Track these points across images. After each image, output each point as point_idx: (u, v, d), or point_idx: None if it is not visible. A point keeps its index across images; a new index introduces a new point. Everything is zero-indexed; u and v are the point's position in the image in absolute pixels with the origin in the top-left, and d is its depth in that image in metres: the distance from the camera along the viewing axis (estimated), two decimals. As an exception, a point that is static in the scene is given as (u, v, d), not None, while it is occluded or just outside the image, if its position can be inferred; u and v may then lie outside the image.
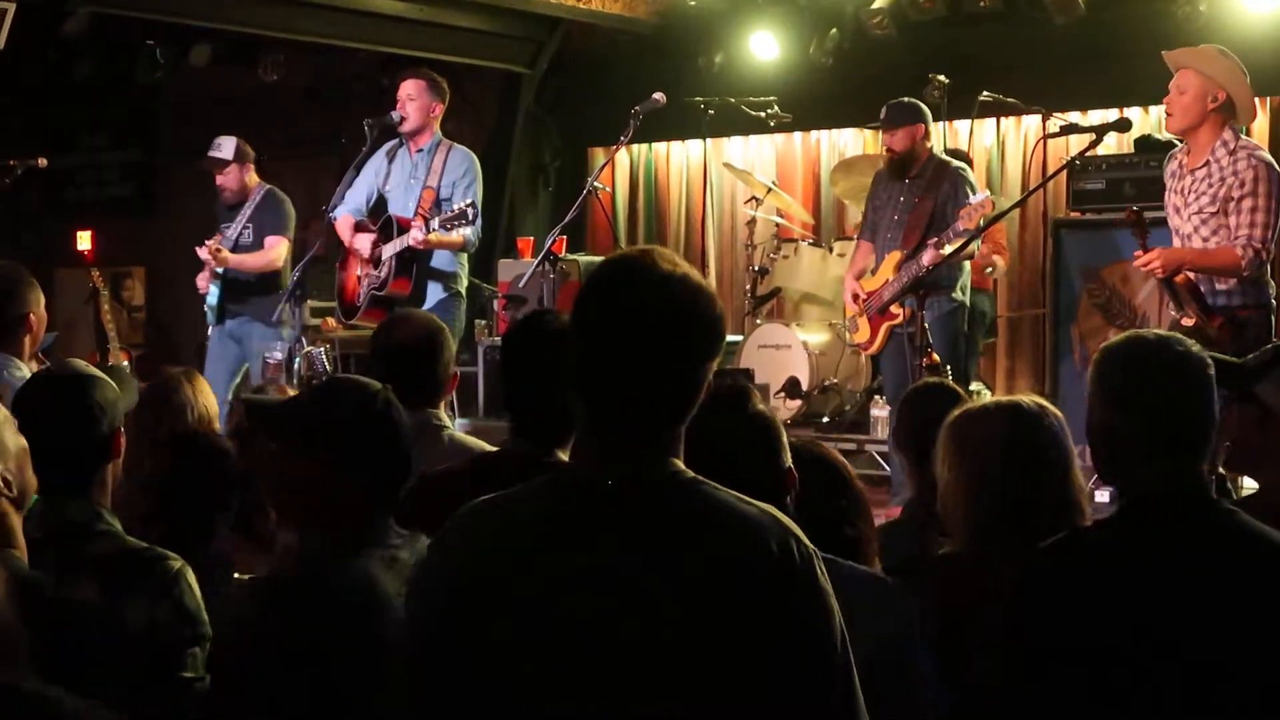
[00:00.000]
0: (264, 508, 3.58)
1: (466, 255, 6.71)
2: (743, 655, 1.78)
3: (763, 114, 8.98)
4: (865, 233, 7.02)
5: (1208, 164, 5.31)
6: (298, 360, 7.08)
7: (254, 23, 9.19)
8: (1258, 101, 7.98)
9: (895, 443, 3.93)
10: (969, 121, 8.57)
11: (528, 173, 10.71)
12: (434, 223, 6.37)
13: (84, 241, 11.57)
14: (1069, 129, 7.08)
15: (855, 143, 9.78)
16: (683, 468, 1.87)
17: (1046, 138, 7.29)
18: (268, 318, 7.17)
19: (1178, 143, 5.68)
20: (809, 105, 9.25)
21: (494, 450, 3.27)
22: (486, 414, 8.54)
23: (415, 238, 6.37)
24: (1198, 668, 2.36)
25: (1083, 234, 7.25)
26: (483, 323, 8.99)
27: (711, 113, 8.87)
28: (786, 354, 8.40)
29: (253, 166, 7.46)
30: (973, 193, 6.68)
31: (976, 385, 7.74)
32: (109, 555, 2.64)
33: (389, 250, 6.54)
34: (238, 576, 3.24)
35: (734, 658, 1.78)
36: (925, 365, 6.03)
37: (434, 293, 6.55)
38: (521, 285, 7.12)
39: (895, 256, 6.70)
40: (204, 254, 7.30)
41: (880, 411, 7.85)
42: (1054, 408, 2.96)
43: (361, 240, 6.67)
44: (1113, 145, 7.56)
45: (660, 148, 10.49)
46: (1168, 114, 5.46)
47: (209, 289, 7.37)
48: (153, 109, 11.72)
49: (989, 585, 2.72)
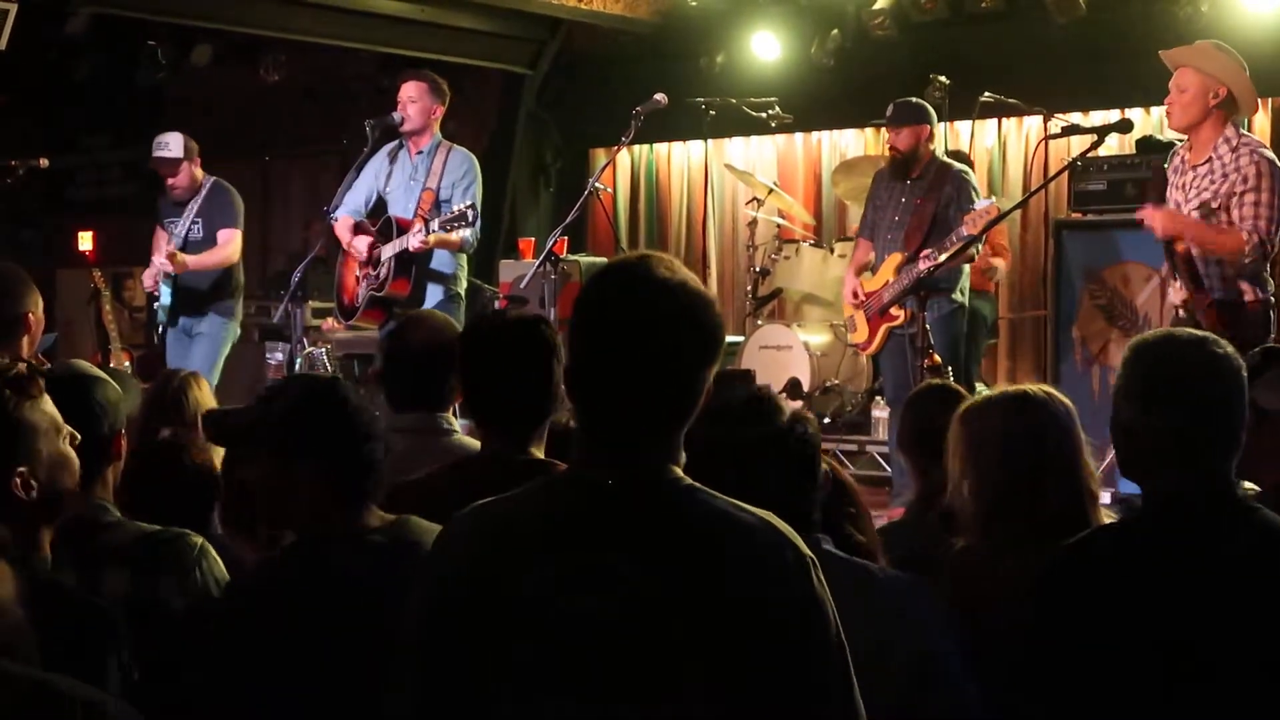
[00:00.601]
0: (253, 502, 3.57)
1: (466, 256, 6.71)
2: (740, 659, 1.78)
3: (764, 115, 8.98)
4: (865, 231, 7.01)
5: (1210, 160, 5.32)
6: (299, 361, 7.08)
7: (255, 23, 9.18)
8: (1259, 101, 7.99)
9: (898, 444, 3.93)
10: (970, 122, 8.56)
11: (529, 173, 10.71)
12: (434, 224, 6.37)
13: (85, 242, 11.59)
14: (1070, 130, 7.07)
15: (857, 143, 9.77)
16: (681, 474, 1.88)
17: (1048, 138, 7.28)
18: (221, 308, 7.12)
19: (1179, 143, 5.68)
20: (810, 106, 9.24)
21: (470, 455, 3.27)
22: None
23: (414, 242, 6.37)
24: (1222, 666, 2.35)
25: (1084, 235, 7.23)
26: (483, 323, 8.97)
27: (713, 113, 8.86)
28: (788, 355, 8.39)
29: (199, 160, 7.33)
30: (976, 196, 6.67)
31: (979, 386, 7.73)
32: (128, 542, 2.64)
33: (388, 251, 6.53)
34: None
35: (731, 662, 1.78)
36: (927, 366, 6.02)
37: (433, 294, 6.54)
38: (523, 286, 7.11)
39: (896, 258, 6.69)
40: (159, 260, 7.15)
41: (881, 412, 7.85)
42: (1061, 395, 2.95)
43: (359, 242, 6.65)
44: (1114, 146, 7.53)
45: (661, 148, 10.48)
46: (1168, 113, 5.47)
47: (159, 290, 7.21)
48: (154, 109, 11.71)
49: (1001, 577, 2.73)
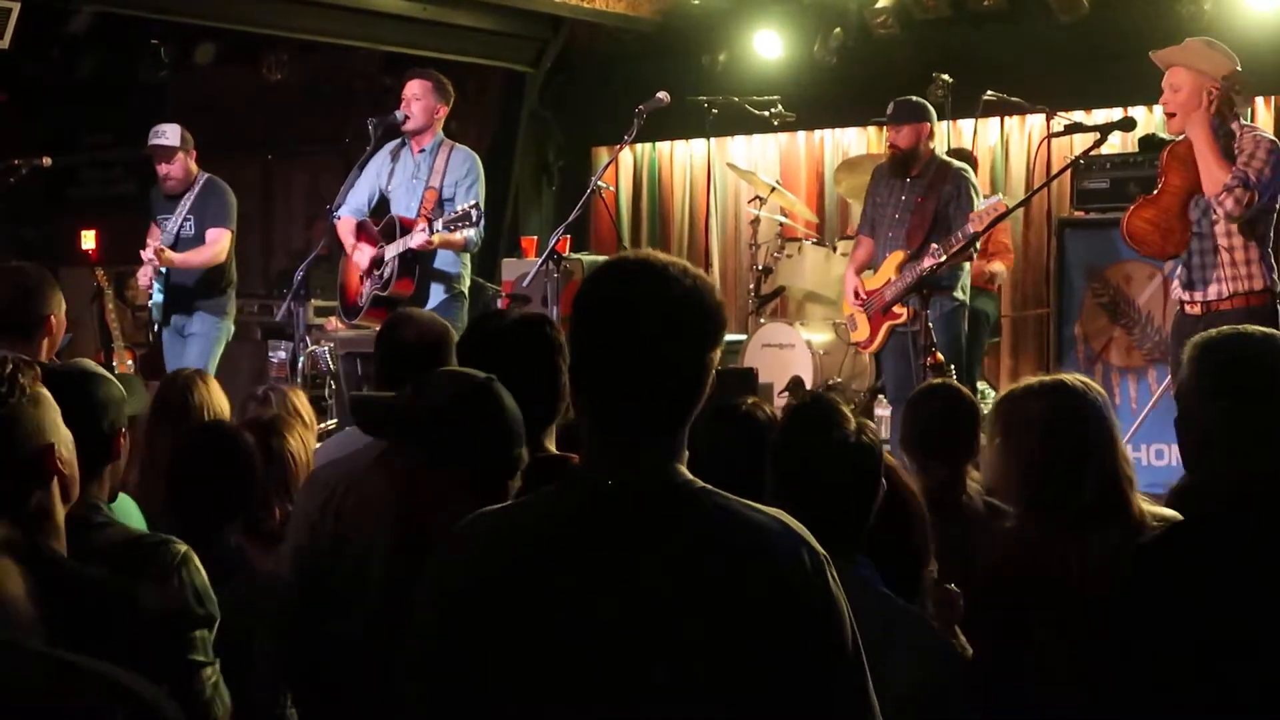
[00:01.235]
0: (271, 505, 3.58)
1: (469, 255, 6.71)
2: (753, 660, 1.78)
3: (766, 113, 8.97)
4: (865, 228, 7.01)
5: None
6: (301, 360, 7.08)
7: (258, 21, 9.18)
8: (1260, 101, 7.99)
9: (900, 442, 3.92)
10: (973, 120, 8.56)
11: (531, 172, 10.70)
12: (437, 224, 6.37)
13: (88, 240, 11.59)
14: (1073, 128, 7.07)
15: (859, 142, 9.77)
16: (690, 475, 1.87)
17: (1050, 137, 7.27)
18: (211, 306, 7.11)
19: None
20: (813, 104, 9.24)
21: None
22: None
23: (418, 241, 6.37)
24: None
25: (1087, 233, 7.23)
26: (485, 322, 8.96)
27: (715, 112, 8.86)
28: (790, 353, 8.38)
29: (195, 154, 7.27)
30: (976, 195, 6.68)
31: (981, 385, 7.73)
32: (114, 544, 2.63)
33: (392, 251, 6.53)
34: None
35: (745, 662, 1.78)
36: (929, 365, 6.02)
37: (436, 293, 6.55)
38: (525, 284, 7.10)
39: (897, 256, 6.69)
40: (147, 255, 7.13)
41: (884, 411, 7.83)
42: (1095, 384, 3.01)
43: (361, 254, 6.67)
44: (1117, 144, 7.55)
45: (664, 147, 10.47)
46: (1167, 114, 5.47)
47: (152, 287, 7.19)
48: (157, 108, 11.69)
49: (1044, 561, 2.79)
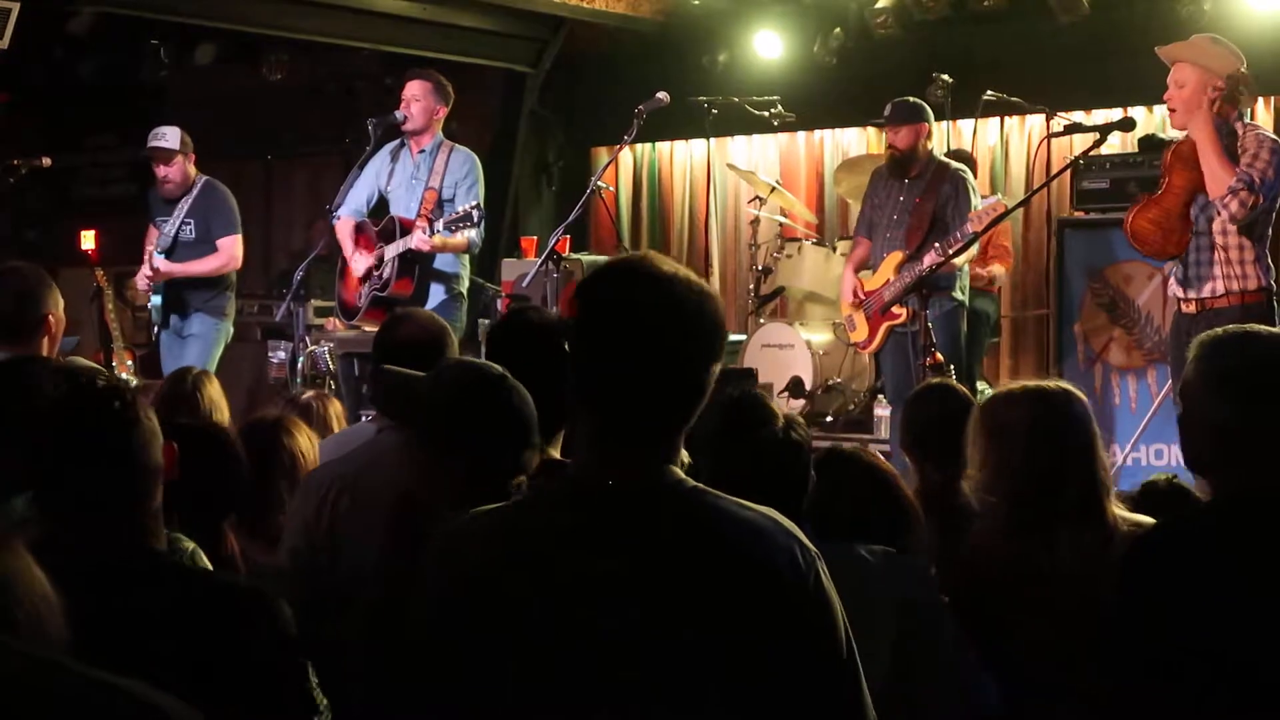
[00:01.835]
0: (272, 505, 3.57)
1: (469, 256, 6.71)
2: (747, 660, 1.78)
3: (766, 113, 8.97)
4: (862, 229, 7.02)
5: None
6: (301, 360, 7.08)
7: (258, 22, 9.18)
8: (1260, 101, 7.99)
9: (899, 443, 3.92)
10: (972, 121, 8.55)
11: (531, 172, 10.71)
12: (438, 225, 6.37)
13: (88, 241, 11.56)
14: (1073, 128, 7.07)
15: (859, 142, 9.77)
16: (684, 476, 1.86)
17: (1050, 137, 7.28)
18: (211, 307, 7.09)
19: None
20: (813, 104, 9.24)
21: None
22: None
23: (417, 242, 6.37)
24: None
25: (1086, 233, 7.22)
26: (486, 322, 8.96)
27: (715, 112, 8.85)
28: (790, 353, 8.39)
29: (194, 158, 7.22)
30: (975, 195, 6.69)
31: (981, 385, 7.73)
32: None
33: (391, 251, 6.54)
34: None
35: (738, 663, 1.78)
36: (929, 365, 6.02)
37: (436, 294, 6.56)
38: (525, 285, 7.11)
39: (896, 257, 6.69)
40: (144, 270, 7.09)
41: (883, 411, 7.83)
42: (1079, 391, 3.03)
43: (359, 262, 6.67)
44: (1116, 145, 7.54)
45: (664, 147, 10.48)
46: (1170, 110, 5.46)
47: (150, 289, 7.16)
48: (157, 108, 11.71)
49: (1020, 563, 2.83)
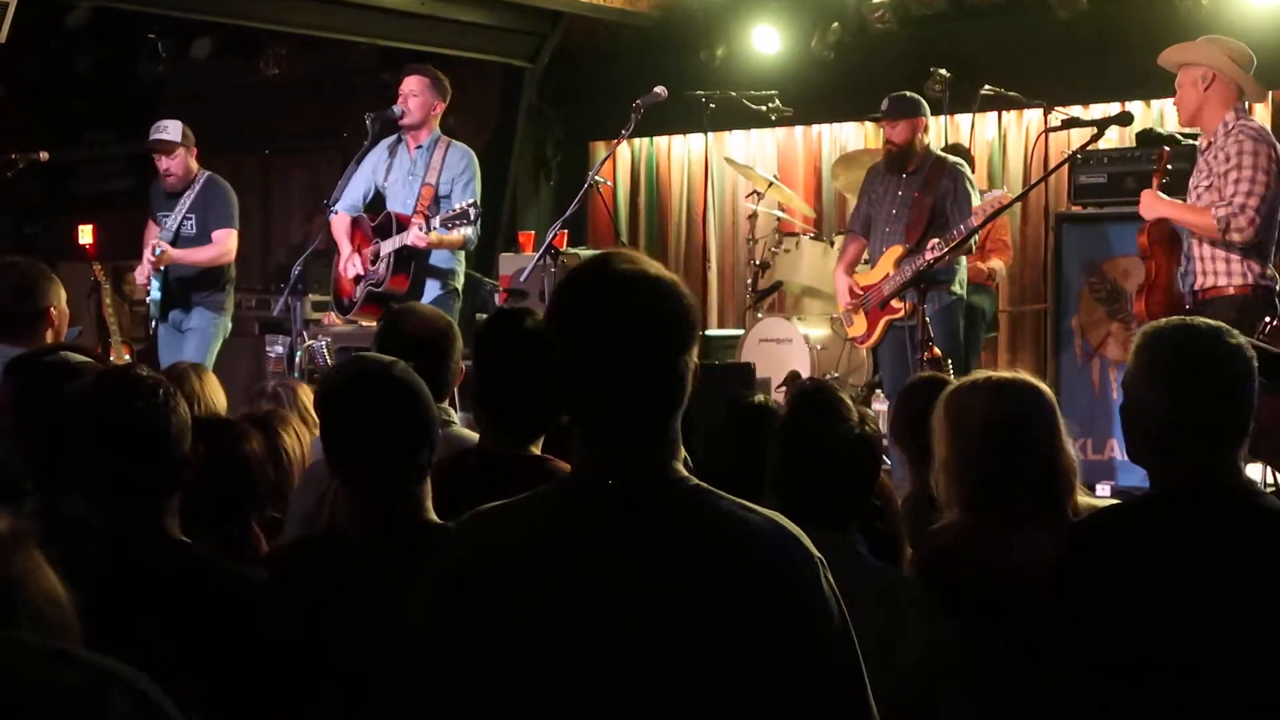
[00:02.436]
0: (281, 497, 3.58)
1: (464, 252, 6.71)
2: (747, 661, 1.77)
3: (764, 108, 8.96)
4: (856, 226, 7.01)
5: (1212, 145, 5.48)
6: (299, 354, 7.08)
7: (255, 16, 9.18)
8: (1261, 102, 7.99)
9: (893, 436, 3.93)
10: (970, 115, 8.56)
11: (529, 167, 10.70)
12: (435, 221, 6.37)
13: (86, 235, 11.58)
14: (1070, 123, 7.07)
15: (857, 137, 9.77)
16: (685, 474, 1.86)
17: (1048, 132, 7.28)
18: (209, 302, 7.10)
19: (1180, 136, 5.79)
20: (810, 99, 9.23)
21: (467, 448, 3.28)
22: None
23: (415, 238, 6.37)
24: (1227, 653, 2.38)
25: (1084, 228, 7.23)
26: (483, 317, 8.97)
27: (713, 106, 8.85)
28: (788, 348, 8.39)
29: (195, 152, 7.23)
30: (973, 189, 6.69)
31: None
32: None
33: (387, 247, 6.53)
34: None
35: (741, 665, 1.77)
36: (927, 359, 6.03)
37: (431, 289, 6.56)
38: (523, 279, 7.11)
39: (895, 251, 6.69)
40: (149, 255, 7.11)
41: (881, 405, 7.84)
42: (1043, 384, 3.01)
43: (350, 266, 6.67)
44: (1114, 139, 7.55)
45: (662, 142, 10.47)
46: (1177, 109, 5.63)
47: (150, 284, 7.17)
48: (155, 102, 11.71)
49: (978, 557, 2.80)
